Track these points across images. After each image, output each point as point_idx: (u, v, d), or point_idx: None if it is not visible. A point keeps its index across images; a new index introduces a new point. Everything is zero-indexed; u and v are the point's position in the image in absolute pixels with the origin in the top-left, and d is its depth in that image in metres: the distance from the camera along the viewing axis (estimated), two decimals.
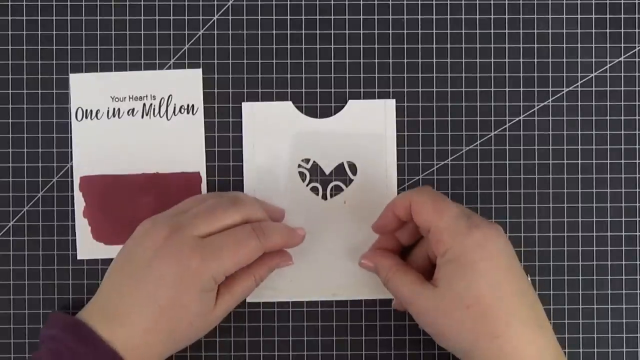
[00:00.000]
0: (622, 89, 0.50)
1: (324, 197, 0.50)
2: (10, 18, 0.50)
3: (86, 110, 0.50)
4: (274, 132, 0.50)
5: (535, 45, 0.50)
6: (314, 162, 0.50)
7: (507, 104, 0.50)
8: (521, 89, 0.50)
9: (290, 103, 0.50)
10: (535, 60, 0.50)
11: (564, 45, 0.50)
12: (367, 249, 0.49)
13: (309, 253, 0.49)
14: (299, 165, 0.50)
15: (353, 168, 0.50)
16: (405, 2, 0.50)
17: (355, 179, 0.50)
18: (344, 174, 0.50)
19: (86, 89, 0.50)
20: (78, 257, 0.50)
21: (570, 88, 0.50)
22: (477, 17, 0.50)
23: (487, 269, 0.40)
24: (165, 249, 0.42)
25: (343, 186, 0.50)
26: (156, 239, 0.42)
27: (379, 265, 0.45)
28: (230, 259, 0.42)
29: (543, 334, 0.40)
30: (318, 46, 0.50)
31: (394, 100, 0.50)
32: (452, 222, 0.41)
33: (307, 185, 0.50)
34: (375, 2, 0.50)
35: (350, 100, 0.50)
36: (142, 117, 0.50)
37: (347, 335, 0.50)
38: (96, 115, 0.50)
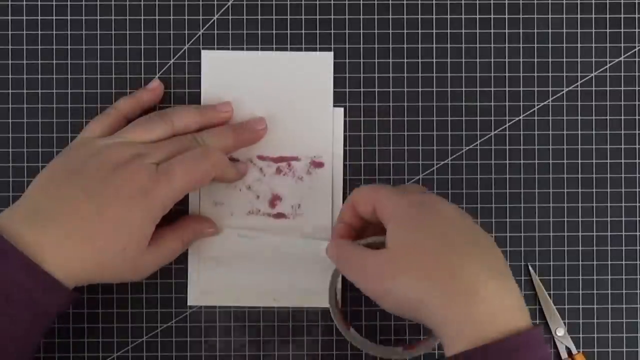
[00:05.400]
0: (622, 89, 0.50)
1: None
2: (10, 18, 0.50)
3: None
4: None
5: (535, 45, 0.50)
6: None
7: (507, 104, 0.50)
8: (521, 89, 0.50)
9: None
10: (535, 60, 0.50)
11: (564, 45, 0.50)
12: (307, 256, 0.49)
13: (248, 258, 0.49)
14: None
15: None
16: (405, 2, 0.50)
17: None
18: None
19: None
20: None
21: (570, 88, 0.50)
22: (477, 17, 0.50)
23: (432, 222, 0.41)
24: (126, 169, 0.43)
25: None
26: (116, 159, 0.44)
27: (330, 246, 0.45)
28: (181, 182, 0.44)
29: (502, 279, 0.40)
30: (318, 46, 0.50)
31: (341, 109, 0.50)
32: (390, 191, 0.43)
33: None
34: (375, 2, 0.50)
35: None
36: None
37: None
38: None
